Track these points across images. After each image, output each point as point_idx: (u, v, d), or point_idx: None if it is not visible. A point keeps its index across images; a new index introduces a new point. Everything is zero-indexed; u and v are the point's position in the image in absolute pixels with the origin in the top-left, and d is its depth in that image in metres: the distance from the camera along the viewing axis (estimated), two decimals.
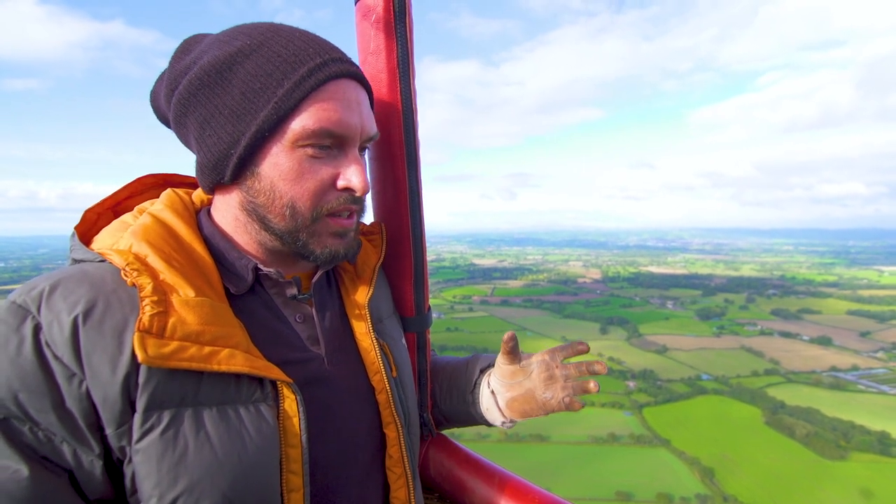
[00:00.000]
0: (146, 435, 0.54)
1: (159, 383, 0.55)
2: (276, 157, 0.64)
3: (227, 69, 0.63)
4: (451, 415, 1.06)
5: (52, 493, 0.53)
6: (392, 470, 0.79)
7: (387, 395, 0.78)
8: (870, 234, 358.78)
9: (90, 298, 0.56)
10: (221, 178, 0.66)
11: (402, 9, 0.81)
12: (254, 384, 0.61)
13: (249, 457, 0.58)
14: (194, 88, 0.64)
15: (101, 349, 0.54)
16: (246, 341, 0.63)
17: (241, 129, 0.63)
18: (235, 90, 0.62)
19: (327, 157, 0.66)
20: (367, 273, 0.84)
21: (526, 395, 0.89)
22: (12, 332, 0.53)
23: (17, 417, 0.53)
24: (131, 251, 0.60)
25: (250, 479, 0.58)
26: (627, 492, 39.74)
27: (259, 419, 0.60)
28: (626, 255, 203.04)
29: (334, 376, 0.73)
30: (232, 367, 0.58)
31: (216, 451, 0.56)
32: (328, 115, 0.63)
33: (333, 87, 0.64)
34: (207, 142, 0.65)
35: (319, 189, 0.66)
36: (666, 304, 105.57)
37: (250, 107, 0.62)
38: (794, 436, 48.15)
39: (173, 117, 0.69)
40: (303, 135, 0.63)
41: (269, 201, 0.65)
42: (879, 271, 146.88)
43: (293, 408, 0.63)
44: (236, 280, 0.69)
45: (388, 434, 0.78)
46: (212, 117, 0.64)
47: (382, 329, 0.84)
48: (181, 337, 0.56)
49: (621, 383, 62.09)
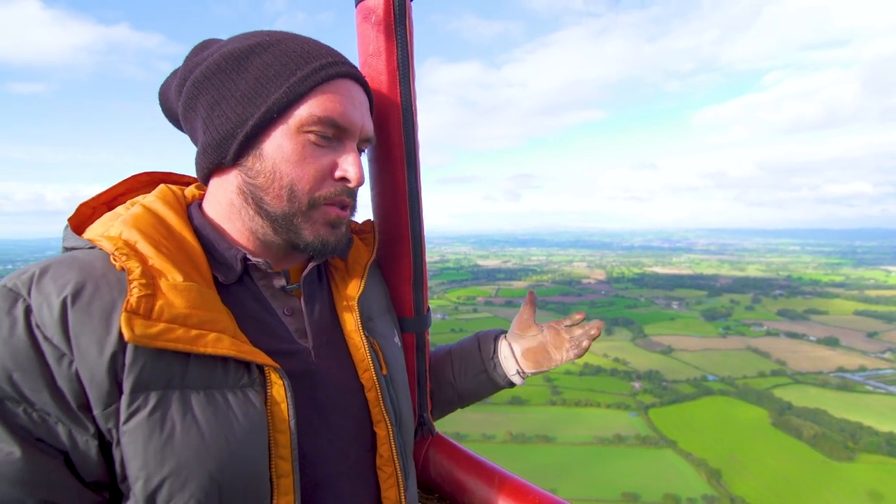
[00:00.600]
0: (133, 416, 0.54)
1: (146, 364, 0.55)
2: (280, 140, 0.66)
3: (245, 58, 0.66)
4: (466, 391, 1.11)
5: (47, 475, 0.53)
6: (382, 469, 0.78)
7: (376, 392, 0.77)
8: (877, 234, 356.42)
9: (79, 281, 0.57)
10: (224, 157, 0.68)
11: (402, 11, 0.82)
12: (241, 369, 0.62)
13: (237, 440, 0.58)
14: (210, 73, 0.67)
15: (88, 330, 0.55)
16: (233, 327, 0.63)
17: (250, 111, 0.65)
18: (250, 76, 0.66)
19: (328, 147, 0.69)
20: (358, 270, 0.84)
21: (539, 347, 1.02)
22: (4, 314, 0.54)
23: (12, 398, 0.53)
24: (121, 237, 0.61)
25: (238, 462, 0.58)
26: (634, 493, 39.55)
27: (246, 403, 0.60)
28: (631, 256, 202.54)
29: (321, 370, 0.73)
30: (219, 349, 0.59)
31: (203, 433, 0.56)
32: (334, 106, 0.67)
33: (341, 84, 0.68)
34: (215, 122, 0.67)
35: (318, 175, 0.68)
36: (671, 305, 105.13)
37: (262, 91, 0.65)
38: (801, 437, 47.80)
39: (184, 100, 0.70)
40: (309, 120, 0.65)
41: (268, 182, 0.67)
42: (887, 271, 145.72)
43: (281, 393, 0.63)
44: (225, 269, 0.69)
45: (378, 432, 0.78)
46: (223, 98, 0.66)
47: (373, 327, 0.84)
48: (168, 319, 0.57)
49: (627, 384, 61.86)
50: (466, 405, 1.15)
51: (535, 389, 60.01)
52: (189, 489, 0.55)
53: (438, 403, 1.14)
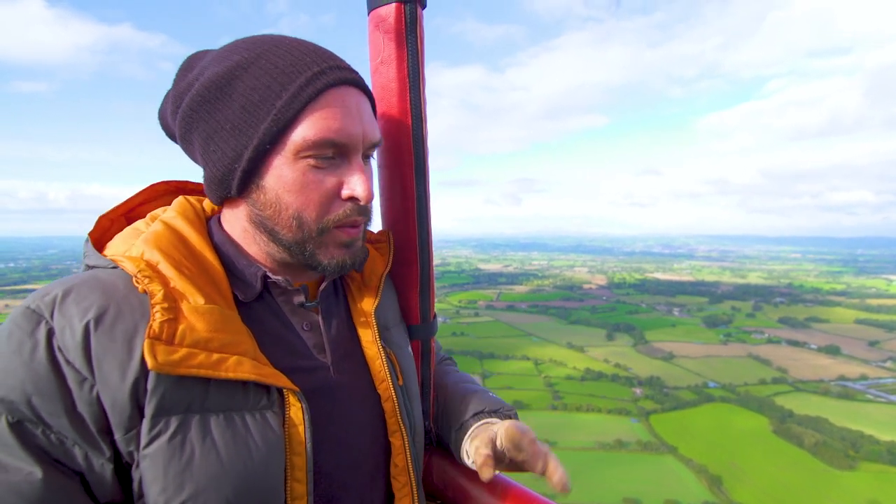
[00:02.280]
0: (154, 440, 0.55)
1: (167, 389, 0.55)
2: (280, 170, 0.64)
3: (227, 84, 0.64)
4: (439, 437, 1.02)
5: (64, 495, 0.54)
6: (396, 479, 0.79)
7: (393, 403, 0.78)
8: (878, 243, 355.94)
9: (102, 304, 0.57)
10: (228, 192, 0.68)
11: (414, 20, 0.82)
12: (261, 391, 0.62)
13: (254, 465, 0.58)
14: (196, 105, 0.65)
15: (111, 355, 0.55)
16: (253, 349, 0.63)
17: (243, 142, 0.63)
18: (236, 104, 0.63)
19: (330, 167, 0.66)
20: (374, 282, 0.84)
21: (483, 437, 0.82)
22: (26, 336, 0.54)
23: (31, 420, 0.54)
24: (143, 258, 0.61)
25: (254, 487, 0.58)
26: (635, 498, 39.66)
27: (265, 427, 0.61)
28: (632, 262, 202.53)
29: (340, 385, 0.73)
30: (240, 374, 0.59)
31: (222, 458, 0.57)
32: (328, 125, 0.63)
33: (332, 96, 0.64)
34: (212, 157, 0.66)
35: (325, 200, 0.66)
36: (672, 311, 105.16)
37: (251, 120, 0.63)
38: (802, 445, 47.85)
39: (179, 135, 0.70)
40: (304, 146, 0.63)
41: (275, 214, 0.66)
42: (888, 280, 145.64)
43: (299, 416, 0.63)
44: (245, 287, 0.70)
45: (394, 442, 0.78)
46: (214, 133, 0.65)
47: (389, 337, 0.84)
48: (190, 344, 0.57)
49: (628, 390, 61.95)
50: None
51: (537, 394, 60.16)
52: None
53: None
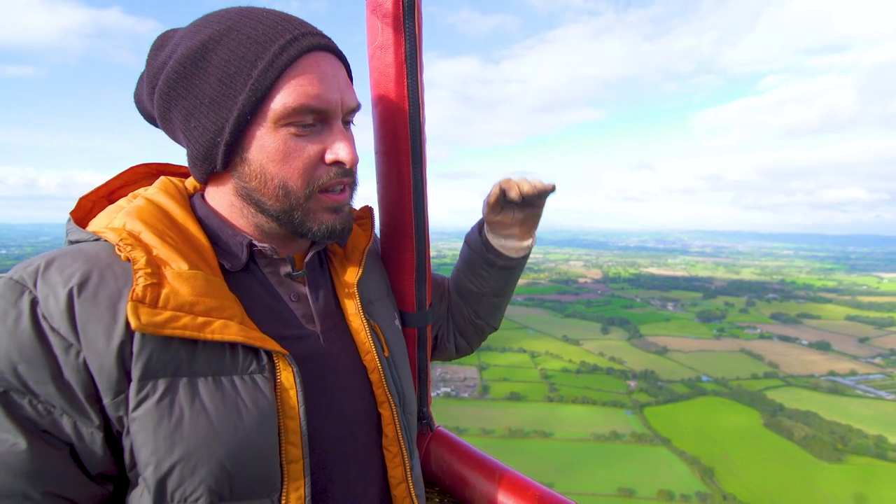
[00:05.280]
0: (141, 403, 0.55)
1: (154, 352, 0.56)
2: (262, 140, 0.64)
3: (201, 58, 0.63)
4: (464, 290, 1.07)
5: (51, 467, 0.54)
6: (388, 449, 0.80)
7: (379, 374, 0.79)
8: (870, 241, 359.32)
9: (85, 271, 0.57)
10: (213, 167, 0.67)
11: (412, 4, 0.81)
12: (249, 355, 0.62)
13: (246, 428, 0.58)
14: (172, 82, 0.65)
15: (95, 319, 0.55)
16: (241, 313, 0.63)
17: (223, 115, 0.63)
18: (212, 78, 0.63)
19: (312, 134, 0.67)
20: (357, 255, 0.85)
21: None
22: (10, 306, 0.54)
23: (17, 390, 0.54)
24: (125, 228, 0.62)
25: (248, 449, 0.58)
26: (629, 488, 40.48)
27: (255, 391, 0.61)
28: (627, 256, 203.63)
29: (330, 354, 0.74)
30: (226, 336, 0.59)
31: (212, 420, 0.57)
32: (306, 91, 0.63)
33: (307, 62, 0.64)
34: (194, 133, 0.66)
35: (308, 166, 0.67)
36: (666, 306, 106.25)
37: (229, 91, 0.62)
38: (792, 438, 48.92)
39: (158, 115, 0.69)
40: (284, 113, 0.63)
41: (261, 185, 0.66)
42: (879, 278, 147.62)
43: (290, 380, 0.63)
44: (231, 257, 0.70)
45: (383, 413, 0.79)
46: (194, 108, 0.64)
47: (373, 310, 0.85)
48: (174, 307, 0.57)
49: (622, 383, 62.84)
50: (474, 306, 1.08)
51: (533, 386, 60.86)
52: (199, 475, 0.56)
53: (476, 314, 1.08)
